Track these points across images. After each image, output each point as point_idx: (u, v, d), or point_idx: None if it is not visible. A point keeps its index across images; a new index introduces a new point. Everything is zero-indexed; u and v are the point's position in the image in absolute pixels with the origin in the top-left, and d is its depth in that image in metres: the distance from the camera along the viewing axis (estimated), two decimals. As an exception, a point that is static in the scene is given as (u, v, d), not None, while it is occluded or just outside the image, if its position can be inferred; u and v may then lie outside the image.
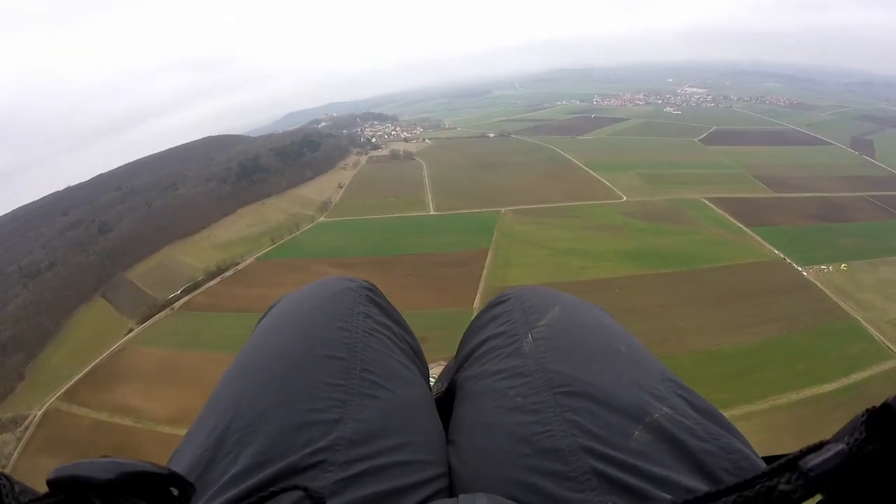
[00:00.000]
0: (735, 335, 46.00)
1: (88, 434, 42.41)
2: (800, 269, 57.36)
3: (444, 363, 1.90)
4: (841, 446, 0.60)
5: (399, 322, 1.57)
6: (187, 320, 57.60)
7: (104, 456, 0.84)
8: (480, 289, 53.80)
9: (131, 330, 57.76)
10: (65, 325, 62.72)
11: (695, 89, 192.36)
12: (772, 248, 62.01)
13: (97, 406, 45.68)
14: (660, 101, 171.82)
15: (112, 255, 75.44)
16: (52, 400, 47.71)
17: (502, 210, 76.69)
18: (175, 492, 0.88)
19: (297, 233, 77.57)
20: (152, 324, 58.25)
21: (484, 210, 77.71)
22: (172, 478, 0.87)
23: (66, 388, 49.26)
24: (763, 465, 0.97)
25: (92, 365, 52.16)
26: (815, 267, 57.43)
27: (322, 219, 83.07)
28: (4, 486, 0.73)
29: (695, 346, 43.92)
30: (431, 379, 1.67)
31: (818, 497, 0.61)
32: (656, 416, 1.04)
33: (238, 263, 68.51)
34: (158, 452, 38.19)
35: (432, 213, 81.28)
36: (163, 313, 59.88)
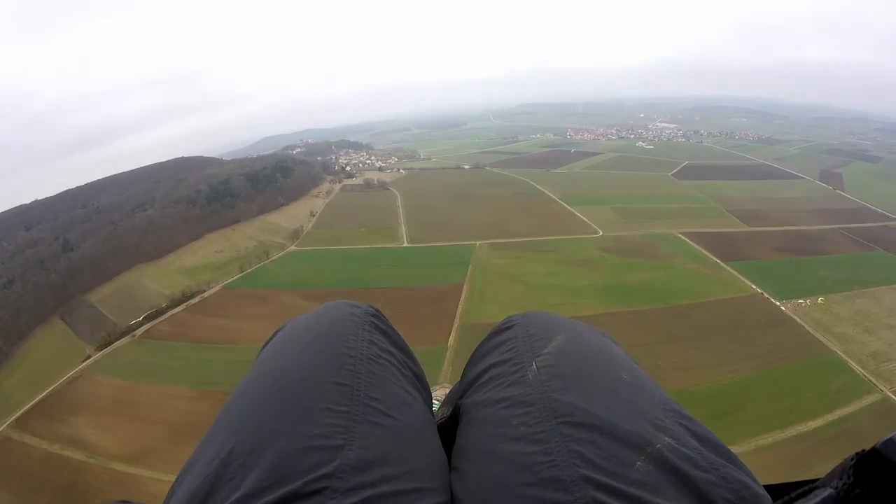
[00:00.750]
0: (716, 373, 44.99)
1: (39, 467, 40.14)
2: (778, 303, 56.82)
3: (448, 387, 1.93)
4: (829, 491, 0.61)
5: (403, 348, 1.59)
6: (148, 349, 55.17)
7: (124, 501, 0.87)
8: (455, 325, 52.27)
9: (89, 356, 55.26)
10: (20, 347, 59.98)
11: (666, 124, 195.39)
12: (749, 283, 61.45)
13: (49, 437, 43.27)
14: (632, 136, 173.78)
15: (73, 276, 72.46)
16: (2, 427, 45.24)
17: (477, 243, 75.35)
18: None
19: (267, 261, 75.51)
20: (111, 351, 55.77)
21: (459, 243, 76.36)
22: None
23: (17, 415, 46.74)
24: (765, 494, 1.00)
25: (46, 392, 49.68)
26: (793, 301, 57.01)
27: (292, 247, 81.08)
28: None
29: (676, 386, 42.26)
30: (435, 403, 1.72)
31: None
32: (658, 445, 1.05)
33: (204, 291, 66.18)
34: (109, 492, 35.69)
35: (406, 244, 79.65)
36: (123, 340, 57.30)
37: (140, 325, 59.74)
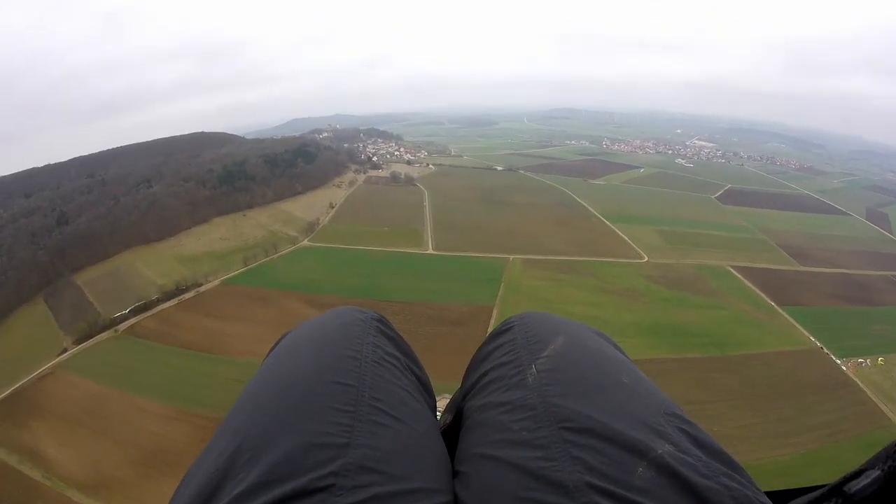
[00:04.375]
0: (775, 446, 39.95)
1: (-8, 480, 36.10)
2: (838, 361, 52.43)
3: (449, 397, 1.83)
4: (877, 473, 0.68)
5: (408, 354, 1.62)
6: (129, 349, 50.36)
7: None
8: (480, 360, 45.91)
9: (65, 350, 50.65)
10: (-4, 328, 55.85)
11: (703, 143, 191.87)
12: (806, 334, 56.75)
13: (8, 444, 39.33)
14: (670, 152, 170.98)
15: (64, 254, 67.93)
16: (-38, 426, 41.39)
17: (510, 258, 70.18)
18: None
19: (274, 255, 70.57)
20: (90, 346, 51.17)
21: (489, 255, 71.31)
22: None
23: (-19, 412, 42.80)
24: (767, 501, 1.02)
25: (14, 388, 45.55)
26: (853, 360, 52.53)
27: (305, 242, 76.25)
28: None
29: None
30: (438, 412, 1.72)
31: None
32: (660, 451, 1.06)
33: (201, 284, 61.12)
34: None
35: (431, 251, 74.46)
36: (104, 335, 52.58)
37: (125, 318, 54.89)
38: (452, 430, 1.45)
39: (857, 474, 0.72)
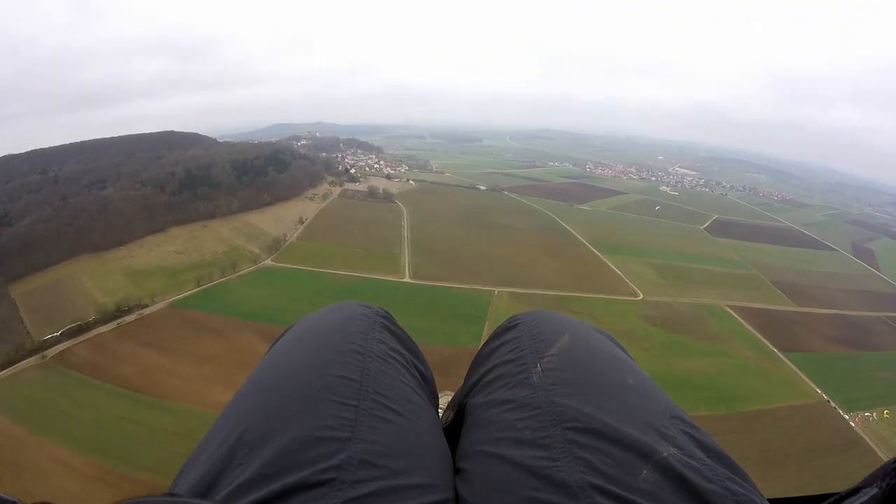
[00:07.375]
0: None
1: None
2: (846, 416, 49.81)
3: (451, 394, 1.87)
4: (874, 490, 0.69)
5: (412, 350, 1.63)
6: (54, 383, 43.62)
7: (170, 494, 0.92)
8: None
9: None
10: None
11: (686, 170, 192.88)
12: (812, 385, 53.73)
13: None
14: (654, 178, 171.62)
15: (2, 259, 60.62)
16: None
17: (496, 290, 64.93)
18: None
19: (233, 276, 63.90)
20: (12, 373, 44.41)
21: (473, 287, 65.83)
22: None
23: None
24: None
25: None
26: (860, 413, 50.19)
27: (268, 261, 69.85)
28: None
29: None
30: (440, 410, 1.72)
31: None
32: (665, 454, 1.06)
33: (146, 306, 54.32)
34: None
35: (408, 279, 68.57)
36: (31, 360, 45.73)
37: (56, 341, 48.13)
38: (454, 427, 1.46)
39: (854, 491, 0.73)
